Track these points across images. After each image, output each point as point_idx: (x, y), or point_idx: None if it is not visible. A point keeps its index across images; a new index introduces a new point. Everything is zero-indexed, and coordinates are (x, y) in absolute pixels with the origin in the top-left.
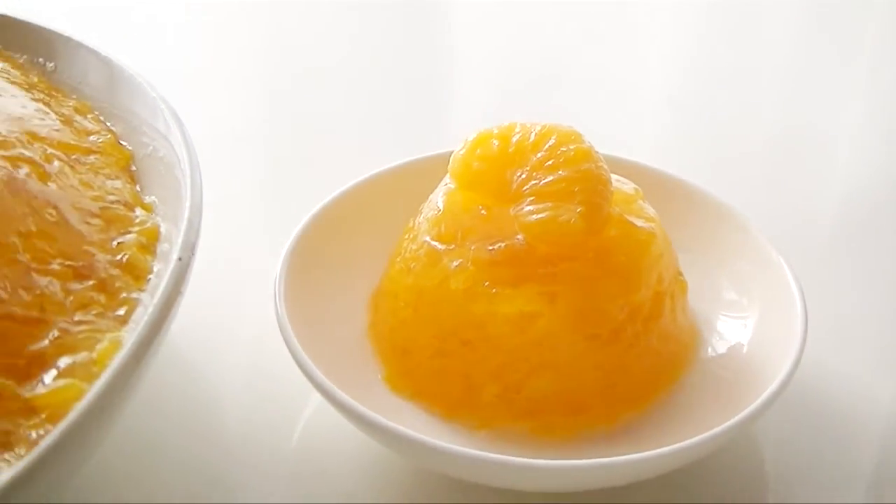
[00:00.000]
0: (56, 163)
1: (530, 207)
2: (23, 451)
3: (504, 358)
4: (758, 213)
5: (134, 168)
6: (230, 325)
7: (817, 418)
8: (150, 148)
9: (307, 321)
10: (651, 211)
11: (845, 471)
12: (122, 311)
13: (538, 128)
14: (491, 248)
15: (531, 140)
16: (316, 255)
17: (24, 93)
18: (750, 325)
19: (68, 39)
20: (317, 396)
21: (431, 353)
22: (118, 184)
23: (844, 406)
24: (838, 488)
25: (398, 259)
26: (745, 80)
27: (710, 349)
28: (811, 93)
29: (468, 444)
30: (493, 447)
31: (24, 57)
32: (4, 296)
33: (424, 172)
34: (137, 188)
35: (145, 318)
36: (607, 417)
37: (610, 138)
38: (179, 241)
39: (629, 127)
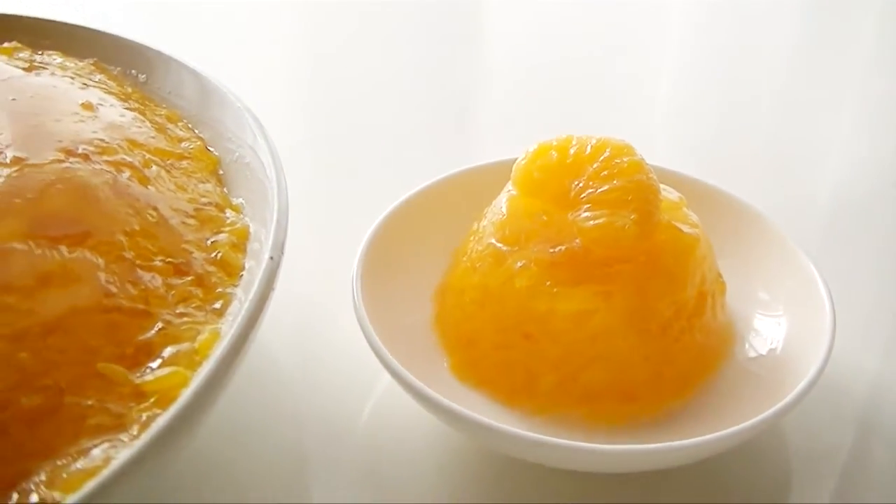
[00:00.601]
0: (154, 167)
1: (587, 214)
2: (135, 432)
3: (562, 350)
4: (788, 216)
5: (221, 172)
6: (310, 317)
7: (844, 413)
8: (237, 154)
9: (379, 312)
10: (694, 217)
11: (871, 465)
12: (218, 305)
13: (594, 141)
14: (552, 250)
15: (587, 152)
16: (386, 252)
17: (120, 102)
18: (782, 323)
19: (159, 53)
20: (383, 382)
21: (495, 345)
22: (209, 187)
23: (870, 401)
24: (864, 482)
25: (464, 258)
26: (769, 88)
27: (745, 345)
28: (827, 101)
29: (527, 428)
30: (550, 431)
31: (118, 69)
32: (114, 290)
33: (481, 179)
34: (226, 191)
35: (242, 312)
36: (653, 406)
37: (647, 148)
38: (270, 241)
39: (664, 135)
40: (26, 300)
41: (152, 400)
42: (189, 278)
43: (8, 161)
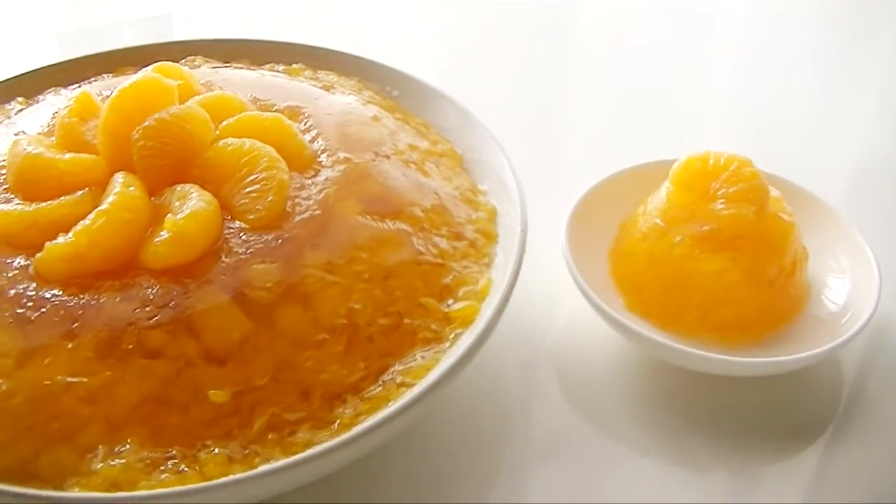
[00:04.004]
0: (428, 163)
1: (722, 206)
2: (446, 346)
3: (703, 296)
4: (850, 202)
5: (465, 166)
6: (527, 264)
7: (887, 352)
8: (476, 153)
9: (576, 263)
10: (789, 209)
11: None
12: (486, 261)
13: (725, 156)
14: (699, 229)
15: (721, 163)
16: (579, 223)
17: (389, 114)
18: (842, 284)
19: (406, 75)
20: (568, 306)
21: (658, 291)
22: (463, 177)
23: None
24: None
25: (634, 231)
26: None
27: (818, 297)
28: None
29: (678, 343)
30: (693, 346)
31: (376, 87)
32: (422, 250)
33: (642, 174)
34: (473, 180)
35: (509, 268)
36: (759, 335)
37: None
38: (518, 217)
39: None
40: (373, 256)
41: (456, 323)
42: (465, 242)
43: (341, 160)
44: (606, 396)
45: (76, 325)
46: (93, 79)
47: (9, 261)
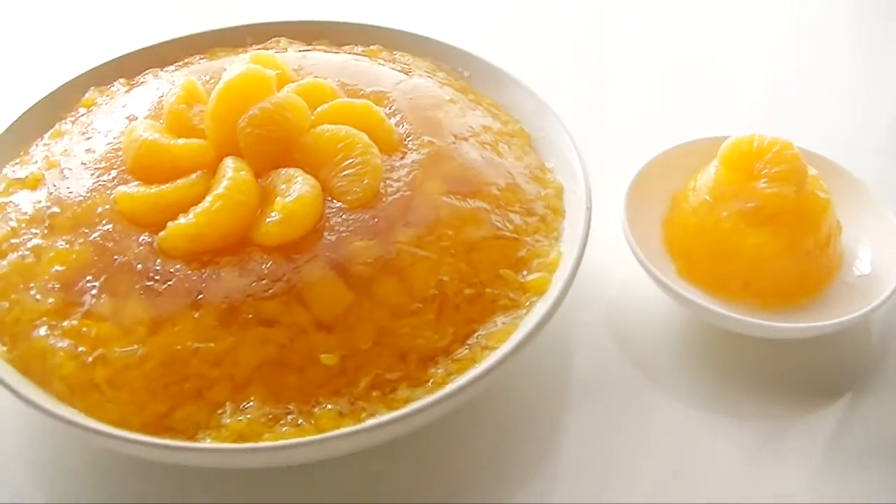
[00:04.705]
0: (501, 144)
1: (765, 184)
2: (523, 312)
3: (747, 265)
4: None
5: (532, 145)
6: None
7: None
8: (542, 133)
9: (632, 230)
10: (825, 186)
11: None
12: (554, 235)
13: (768, 138)
14: (744, 205)
15: (765, 145)
16: (635, 194)
17: (463, 96)
18: (871, 255)
19: (473, 56)
20: (625, 272)
21: (706, 260)
22: (532, 156)
23: None
24: None
25: (685, 205)
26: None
27: (850, 267)
28: None
29: (724, 309)
30: (737, 312)
31: (448, 67)
32: (500, 225)
33: (692, 150)
34: (541, 158)
35: (577, 242)
36: (797, 300)
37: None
38: (583, 195)
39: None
40: (457, 232)
41: (531, 292)
42: (536, 218)
43: (425, 143)
44: (658, 354)
45: (200, 296)
46: (186, 60)
47: (134, 238)
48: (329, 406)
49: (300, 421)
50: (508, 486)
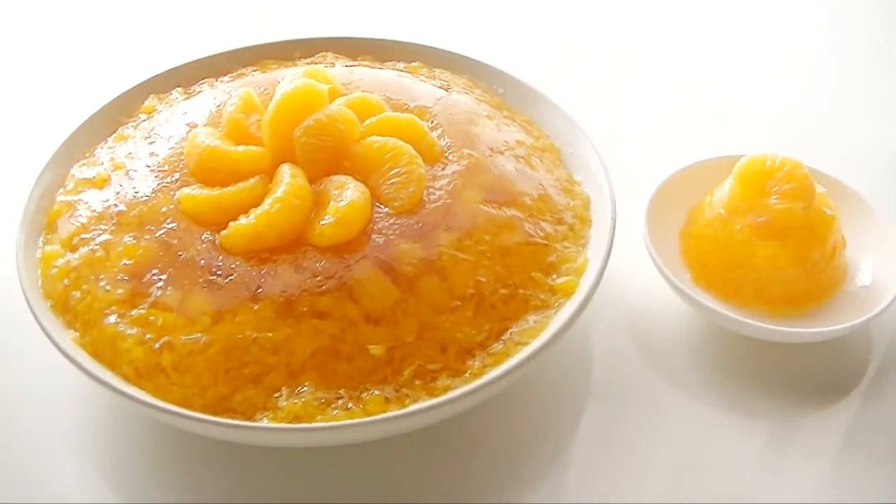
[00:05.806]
0: (534, 158)
1: (776, 201)
2: (552, 312)
3: (757, 275)
4: (883, 196)
5: (562, 159)
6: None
7: None
8: (571, 148)
9: (652, 240)
10: (832, 203)
11: None
12: (582, 242)
13: (780, 158)
14: (756, 219)
15: (777, 164)
16: (656, 206)
17: (498, 112)
18: (873, 267)
19: (508, 75)
20: (644, 278)
21: (720, 269)
22: (562, 170)
23: None
24: None
25: (701, 218)
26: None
27: (852, 279)
28: None
29: (736, 314)
30: (748, 317)
31: (484, 84)
32: (531, 232)
33: (708, 167)
34: (570, 171)
35: (602, 249)
36: (804, 307)
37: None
38: (608, 206)
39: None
40: (493, 238)
41: (560, 294)
42: (565, 227)
43: (464, 155)
44: (674, 355)
45: (259, 290)
46: (239, 71)
47: (197, 236)
48: (376, 392)
49: (350, 405)
50: (528, 483)
